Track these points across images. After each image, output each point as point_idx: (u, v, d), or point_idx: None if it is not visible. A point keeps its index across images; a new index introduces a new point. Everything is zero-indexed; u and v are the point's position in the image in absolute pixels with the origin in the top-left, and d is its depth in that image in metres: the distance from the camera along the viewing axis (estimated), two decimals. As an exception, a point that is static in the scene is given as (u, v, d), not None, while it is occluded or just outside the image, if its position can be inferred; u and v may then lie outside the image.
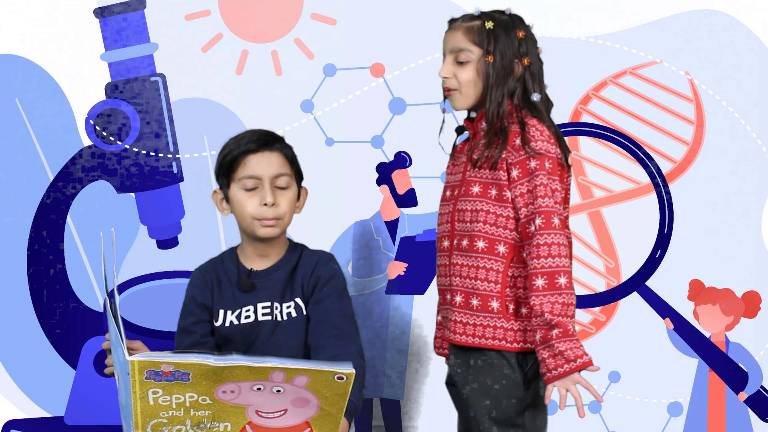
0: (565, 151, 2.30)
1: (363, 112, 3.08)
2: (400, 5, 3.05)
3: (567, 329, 2.13)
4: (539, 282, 2.17)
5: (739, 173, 3.07)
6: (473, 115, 2.37)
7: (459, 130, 2.45)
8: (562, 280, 2.16)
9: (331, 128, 3.08)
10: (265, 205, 2.13)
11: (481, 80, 2.28)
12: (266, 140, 2.16)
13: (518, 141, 2.22)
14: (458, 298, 2.31)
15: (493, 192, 2.25)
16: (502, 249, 2.24)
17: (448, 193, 2.40)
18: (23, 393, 3.11)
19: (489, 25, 2.26)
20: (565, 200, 2.33)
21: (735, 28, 3.04)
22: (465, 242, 2.29)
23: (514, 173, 2.23)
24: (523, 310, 2.24)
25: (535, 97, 2.28)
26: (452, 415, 2.92)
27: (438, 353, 2.59)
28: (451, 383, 2.43)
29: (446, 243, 2.36)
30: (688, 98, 3.07)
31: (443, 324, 2.43)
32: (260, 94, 3.07)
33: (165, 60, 3.08)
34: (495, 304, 2.24)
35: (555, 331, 2.14)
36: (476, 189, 2.27)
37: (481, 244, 2.25)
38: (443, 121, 2.46)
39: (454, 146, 2.45)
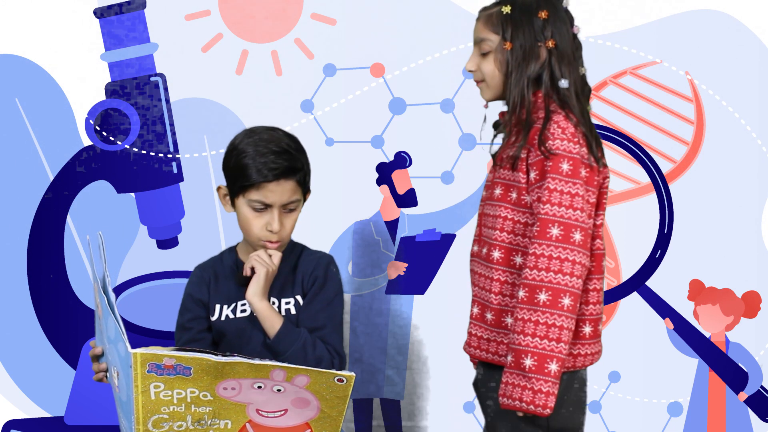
0: (594, 149, 2.08)
1: (363, 112, 3.08)
2: (400, 5, 3.05)
3: (518, 361, 1.96)
4: (521, 293, 2.00)
5: (739, 173, 3.06)
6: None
7: (495, 125, 2.25)
8: (542, 297, 1.97)
9: (331, 128, 3.08)
10: (270, 231, 2.14)
11: (501, 69, 2.11)
12: (286, 168, 2.11)
13: (537, 139, 2.03)
14: (475, 310, 2.18)
15: (513, 195, 2.08)
16: (519, 260, 2.08)
17: (484, 193, 2.22)
18: (23, 393, 3.11)
19: (505, 10, 2.09)
20: (597, 206, 2.12)
21: (735, 28, 3.04)
22: (485, 250, 2.14)
23: (532, 175, 2.04)
24: None
25: (563, 83, 2.08)
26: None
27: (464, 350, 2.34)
28: (476, 385, 2.27)
29: (475, 248, 2.22)
30: (688, 98, 3.07)
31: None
32: (260, 94, 3.07)
33: (165, 60, 3.08)
34: (509, 320, 2.09)
35: (509, 357, 2.00)
36: (498, 191, 2.11)
37: (496, 255, 2.09)
38: (485, 116, 2.26)
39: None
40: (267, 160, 2.10)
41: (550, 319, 1.96)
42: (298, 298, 2.19)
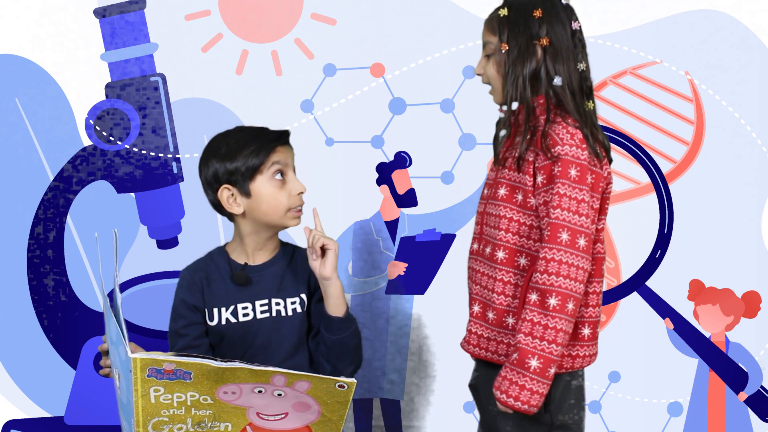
0: (596, 150, 2.09)
1: (363, 112, 3.08)
2: (400, 5, 3.05)
3: (523, 360, 1.98)
4: (532, 297, 2.00)
5: (739, 173, 3.07)
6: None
7: (498, 124, 2.24)
8: (553, 301, 1.98)
9: (331, 128, 3.08)
10: (298, 194, 2.16)
11: (500, 71, 2.13)
12: (282, 132, 2.17)
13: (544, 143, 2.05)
14: (476, 308, 2.19)
15: (519, 197, 2.09)
16: (523, 261, 2.09)
17: (485, 191, 2.23)
18: (23, 393, 3.11)
19: (503, 12, 2.12)
20: (600, 210, 2.14)
21: (735, 28, 3.04)
22: (488, 250, 2.14)
23: (539, 179, 2.05)
24: None
25: (556, 80, 2.08)
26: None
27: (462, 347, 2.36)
28: (473, 387, 2.31)
29: (475, 245, 2.23)
30: (688, 98, 3.06)
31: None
32: (260, 94, 3.07)
33: (165, 60, 3.08)
34: (510, 321, 2.10)
35: (514, 356, 2.01)
36: (502, 192, 2.11)
37: (500, 255, 2.10)
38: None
39: (495, 140, 2.23)
40: (263, 133, 2.16)
41: (559, 323, 1.98)
42: (303, 296, 2.19)
